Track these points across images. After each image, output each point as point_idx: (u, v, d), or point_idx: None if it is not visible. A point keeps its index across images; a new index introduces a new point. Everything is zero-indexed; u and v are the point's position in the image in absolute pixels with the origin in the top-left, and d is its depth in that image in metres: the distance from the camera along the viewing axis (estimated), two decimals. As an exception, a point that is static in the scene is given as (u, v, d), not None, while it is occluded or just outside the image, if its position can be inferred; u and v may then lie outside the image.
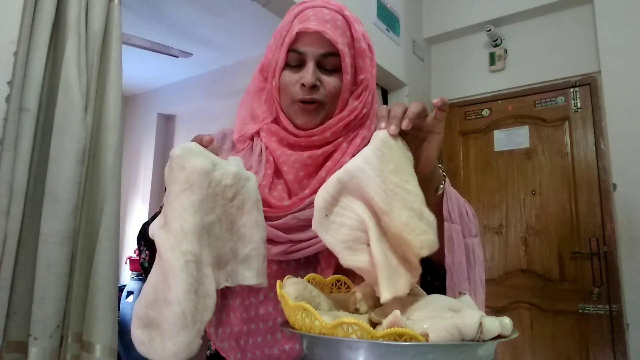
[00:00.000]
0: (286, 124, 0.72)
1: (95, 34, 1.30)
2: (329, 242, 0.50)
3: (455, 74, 3.01)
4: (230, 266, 0.54)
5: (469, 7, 2.91)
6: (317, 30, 0.68)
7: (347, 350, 0.40)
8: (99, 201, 1.25)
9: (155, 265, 0.51)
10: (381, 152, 0.50)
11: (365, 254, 0.48)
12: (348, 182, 0.50)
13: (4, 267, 1.05)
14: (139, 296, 0.51)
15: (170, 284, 0.47)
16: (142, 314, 0.50)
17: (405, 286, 0.48)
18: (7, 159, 1.07)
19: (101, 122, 1.30)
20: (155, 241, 0.50)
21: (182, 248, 0.48)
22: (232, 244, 0.54)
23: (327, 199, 0.50)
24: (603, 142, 2.45)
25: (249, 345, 0.68)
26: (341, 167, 0.68)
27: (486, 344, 0.41)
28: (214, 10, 2.78)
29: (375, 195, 0.48)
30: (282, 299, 0.47)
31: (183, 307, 0.47)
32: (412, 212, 0.48)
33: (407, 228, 0.47)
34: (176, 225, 0.49)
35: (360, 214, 0.49)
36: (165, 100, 4.22)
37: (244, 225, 0.55)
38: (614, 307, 2.30)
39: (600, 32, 2.45)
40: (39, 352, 1.08)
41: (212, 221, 0.51)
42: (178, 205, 0.50)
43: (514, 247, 2.64)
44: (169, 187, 0.51)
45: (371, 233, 0.48)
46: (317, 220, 0.50)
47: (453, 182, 2.96)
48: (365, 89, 0.73)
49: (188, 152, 0.51)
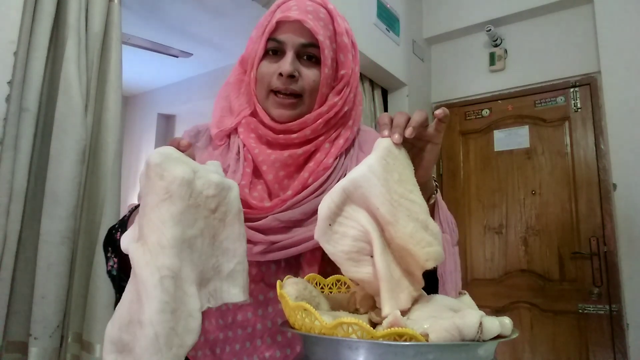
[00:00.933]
0: (263, 117, 0.69)
1: (95, 34, 1.30)
2: (331, 252, 0.48)
3: (455, 74, 3.01)
4: (213, 284, 0.49)
5: (469, 7, 2.91)
6: (297, 19, 0.66)
7: (347, 350, 0.40)
8: (99, 201, 1.25)
9: (129, 282, 0.46)
10: (386, 161, 0.49)
11: (368, 266, 0.47)
12: (353, 192, 0.48)
13: (4, 267, 1.05)
14: (111, 318, 0.46)
15: (143, 303, 0.43)
16: (115, 337, 0.45)
17: (407, 300, 0.47)
18: (7, 159, 1.07)
19: (101, 122, 1.30)
20: (130, 256, 0.46)
21: (158, 263, 0.44)
22: (215, 259, 0.50)
23: (332, 209, 0.48)
24: (603, 142, 2.45)
25: (225, 353, 0.65)
26: (323, 168, 0.68)
27: (486, 344, 0.41)
28: (214, 10, 2.78)
29: (380, 205, 0.47)
30: (282, 299, 0.47)
31: (156, 329, 0.42)
32: (417, 224, 0.48)
33: (412, 240, 0.47)
34: (153, 239, 0.45)
35: (364, 224, 0.47)
36: (165, 100, 4.22)
37: (227, 239, 0.51)
38: (614, 307, 2.30)
39: (600, 32, 2.45)
40: (39, 352, 1.08)
41: (194, 235, 0.47)
42: (156, 217, 0.45)
43: (514, 247, 2.64)
44: (146, 197, 0.47)
45: (375, 245, 0.47)
46: (320, 229, 0.49)
47: (453, 182, 2.97)
48: (347, 85, 0.71)
49: (167, 159, 0.47)
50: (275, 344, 0.64)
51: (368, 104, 2.62)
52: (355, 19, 2.31)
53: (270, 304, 0.66)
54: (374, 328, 0.41)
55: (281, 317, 0.64)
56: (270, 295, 0.66)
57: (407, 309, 0.47)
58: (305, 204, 0.65)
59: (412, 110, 2.78)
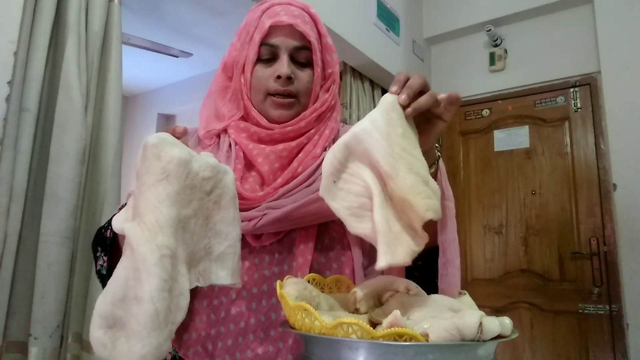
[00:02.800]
0: (259, 120, 0.71)
1: (95, 34, 1.30)
2: (335, 208, 0.49)
3: (455, 74, 3.01)
4: (203, 265, 0.50)
5: (469, 7, 2.91)
6: (289, 23, 0.69)
7: (347, 350, 0.40)
8: (99, 201, 1.25)
9: (124, 259, 0.47)
10: (389, 115, 0.48)
11: (370, 221, 0.47)
12: (355, 147, 0.48)
13: (4, 267, 1.06)
14: (102, 293, 0.47)
15: (143, 279, 0.44)
16: (106, 312, 0.45)
17: (405, 255, 0.46)
18: (7, 159, 1.07)
19: (101, 122, 1.30)
20: (126, 234, 0.47)
21: (158, 241, 0.45)
22: (207, 240, 0.51)
23: (335, 165, 0.49)
24: (603, 142, 2.45)
25: (217, 349, 0.64)
26: (312, 157, 0.70)
27: (486, 344, 0.41)
28: (214, 10, 2.78)
29: (380, 158, 0.47)
30: (282, 299, 0.47)
31: (156, 305, 0.43)
32: (418, 177, 0.47)
33: (412, 191, 0.46)
34: (150, 217, 0.46)
35: (366, 179, 0.47)
36: (165, 100, 4.22)
37: (221, 221, 0.52)
38: (614, 307, 2.30)
39: (600, 32, 2.45)
40: (39, 352, 1.08)
41: (188, 215, 0.48)
42: (152, 196, 0.46)
43: (514, 247, 2.64)
44: (142, 177, 0.48)
45: (375, 198, 0.47)
46: (325, 186, 0.49)
47: (453, 182, 2.96)
48: (334, 83, 0.76)
49: (164, 141, 0.48)
50: (268, 339, 0.64)
51: (368, 104, 2.62)
52: (355, 19, 2.31)
53: (264, 297, 0.66)
54: (374, 328, 0.41)
55: (274, 311, 0.65)
56: (263, 288, 0.66)
57: (406, 309, 0.47)
58: (297, 194, 0.66)
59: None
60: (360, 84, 2.60)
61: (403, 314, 0.45)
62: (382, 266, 0.44)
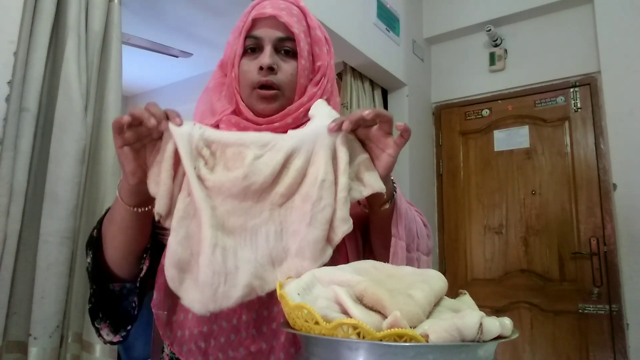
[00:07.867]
0: (247, 114, 0.72)
1: (95, 34, 1.30)
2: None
3: (455, 74, 3.01)
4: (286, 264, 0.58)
5: (469, 7, 2.91)
6: (272, 15, 0.70)
7: (347, 350, 0.40)
8: (99, 201, 1.25)
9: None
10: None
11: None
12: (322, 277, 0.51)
13: (4, 267, 1.05)
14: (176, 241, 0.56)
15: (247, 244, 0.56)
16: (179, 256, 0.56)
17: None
18: (7, 159, 1.07)
19: (101, 122, 1.30)
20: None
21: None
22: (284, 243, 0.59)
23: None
24: (603, 142, 2.45)
25: (210, 347, 0.64)
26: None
27: (486, 345, 0.41)
28: (214, 10, 2.78)
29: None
30: (281, 299, 0.47)
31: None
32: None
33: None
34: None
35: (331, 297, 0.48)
36: (165, 100, 4.22)
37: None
38: (614, 307, 2.30)
39: (600, 32, 2.45)
40: (39, 352, 1.08)
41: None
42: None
43: (514, 247, 2.64)
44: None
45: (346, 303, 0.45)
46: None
47: (453, 182, 2.96)
48: (324, 76, 0.75)
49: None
50: (260, 336, 0.64)
51: (368, 104, 2.62)
52: (355, 19, 2.30)
53: None
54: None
55: (266, 308, 0.65)
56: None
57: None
58: None
59: (412, 110, 2.79)
60: (360, 84, 2.60)
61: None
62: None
